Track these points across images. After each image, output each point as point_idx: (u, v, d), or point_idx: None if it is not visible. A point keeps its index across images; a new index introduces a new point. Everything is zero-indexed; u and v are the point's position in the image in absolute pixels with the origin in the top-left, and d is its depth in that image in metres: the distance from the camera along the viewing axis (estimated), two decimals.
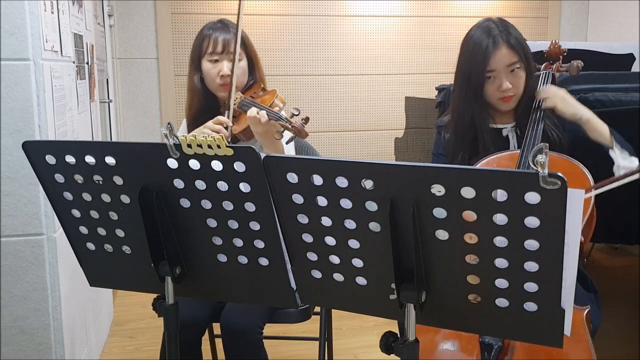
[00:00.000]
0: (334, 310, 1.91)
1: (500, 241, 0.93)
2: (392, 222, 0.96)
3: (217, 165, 1.04)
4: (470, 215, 0.92)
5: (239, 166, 1.03)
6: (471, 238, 0.94)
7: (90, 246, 1.24)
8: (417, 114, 3.55)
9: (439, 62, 4.13)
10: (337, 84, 4.05)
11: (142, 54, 3.75)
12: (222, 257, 1.16)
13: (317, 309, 1.90)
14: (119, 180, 1.12)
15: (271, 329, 1.69)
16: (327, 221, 1.02)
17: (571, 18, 4.32)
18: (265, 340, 1.66)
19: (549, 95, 1.73)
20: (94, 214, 1.19)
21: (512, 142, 1.77)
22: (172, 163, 1.07)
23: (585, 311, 1.43)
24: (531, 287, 0.95)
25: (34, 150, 1.15)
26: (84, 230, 1.22)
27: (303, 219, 1.04)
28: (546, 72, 1.86)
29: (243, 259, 1.15)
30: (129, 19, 3.69)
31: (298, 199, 1.02)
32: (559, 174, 0.83)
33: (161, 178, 1.10)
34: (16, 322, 1.86)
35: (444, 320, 1.08)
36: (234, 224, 1.11)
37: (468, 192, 0.90)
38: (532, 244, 0.91)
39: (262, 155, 1.01)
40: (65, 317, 1.94)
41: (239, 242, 1.13)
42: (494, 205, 0.90)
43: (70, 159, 1.13)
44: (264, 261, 1.13)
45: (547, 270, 0.92)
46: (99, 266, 1.28)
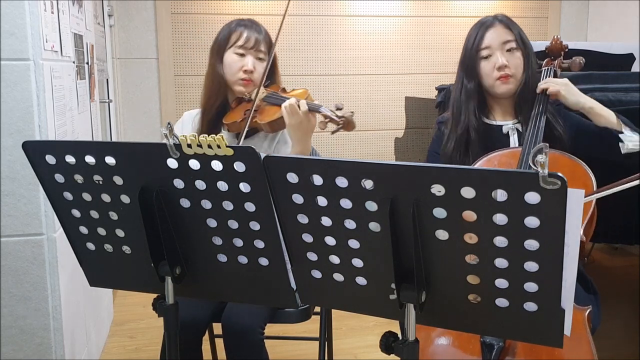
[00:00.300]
0: (334, 310, 1.91)
1: (500, 241, 0.93)
2: (392, 222, 0.96)
3: (217, 165, 1.04)
4: (470, 215, 0.92)
5: (239, 166, 1.03)
6: (471, 238, 0.94)
7: (90, 246, 1.24)
8: (417, 114, 3.54)
9: (439, 62, 4.13)
10: (337, 84, 4.04)
11: (142, 54, 3.74)
12: (222, 257, 1.16)
13: (317, 309, 1.90)
14: (119, 180, 1.12)
15: (271, 329, 1.69)
16: (327, 221, 1.02)
17: (571, 18, 4.32)
18: (265, 340, 1.66)
19: (551, 83, 1.73)
20: (94, 214, 1.18)
21: (513, 139, 1.76)
22: (172, 163, 1.07)
23: (587, 311, 1.42)
24: (531, 287, 0.95)
25: (34, 150, 1.14)
26: (84, 230, 1.22)
27: (303, 219, 1.04)
28: (548, 68, 1.86)
29: (243, 259, 1.15)
30: (129, 19, 3.69)
31: (298, 199, 1.02)
32: (559, 174, 0.83)
33: (161, 178, 1.10)
34: (16, 322, 1.86)
35: (444, 320, 1.08)
36: (234, 224, 1.11)
37: (468, 192, 0.90)
38: (532, 244, 0.91)
39: (262, 155, 1.01)
40: (65, 317, 1.94)
41: (239, 242, 1.13)
42: (494, 205, 0.89)
43: (70, 159, 1.13)
44: (264, 261, 1.13)
45: (547, 270, 0.92)
46: (99, 266, 1.27)
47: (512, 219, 0.90)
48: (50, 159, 1.14)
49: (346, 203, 0.98)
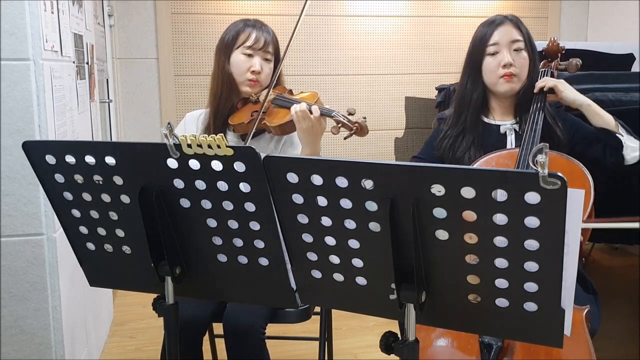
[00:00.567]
0: (334, 310, 1.91)
1: (500, 241, 0.93)
2: (392, 222, 0.96)
3: (217, 165, 1.04)
4: (470, 215, 0.92)
5: (239, 166, 1.03)
6: (471, 238, 0.94)
7: (90, 246, 1.24)
8: (417, 114, 3.55)
9: (439, 62, 4.13)
10: (337, 84, 4.04)
11: (142, 54, 3.74)
12: (222, 257, 1.16)
13: (317, 309, 1.90)
14: (119, 180, 1.12)
15: (271, 329, 1.69)
16: (327, 221, 1.02)
17: (571, 18, 4.32)
18: (265, 340, 1.66)
19: (548, 81, 1.73)
20: (94, 214, 1.18)
21: (510, 139, 1.76)
22: (172, 163, 1.07)
23: (585, 311, 1.43)
24: (531, 287, 0.95)
25: (34, 150, 1.14)
26: (84, 230, 1.22)
27: (303, 219, 1.04)
28: (545, 70, 1.87)
29: (243, 259, 1.15)
30: (129, 19, 3.69)
31: (298, 199, 1.02)
32: (559, 174, 0.83)
33: (161, 178, 1.10)
34: (16, 322, 1.86)
35: (444, 320, 1.08)
36: (234, 224, 1.11)
37: (468, 192, 0.90)
38: (532, 244, 0.91)
39: (262, 155, 1.01)
40: (65, 317, 1.94)
41: (239, 242, 1.13)
42: (494, 205, 0.90)
43: (70, 159, 1.13)
44: (264, 261, 1.13)
45: (547, 270, 0.92)
46: (99, 266, 1.28)
47: (512, 219, 0.90)
48: (50, 159, 1.14)
49: (346, 203, 0.98)
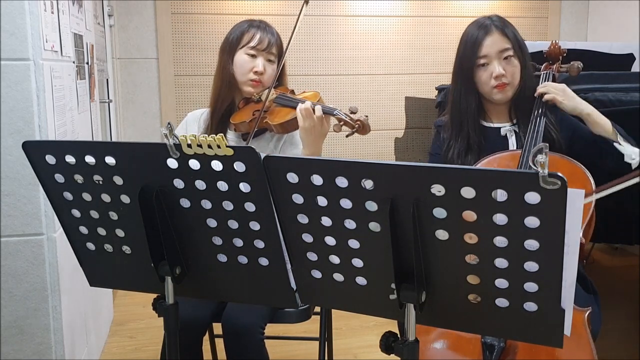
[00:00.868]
0: (334, 310, 1.91)
1: (500, 241, 0.93)
2: (392, 222, 0.96)
3: (217, 165, 1.04)
4: (470, 215, 0.92)
5: (239, 166, 1.03)
6: (471, 238, 0.94)
7: (90, 246, 1.24)
8: (417, 114, 3.54)
9: (439, 62, 4.13)
10: (337, 84, 4.04)
11: (142, 54, 3.74)
12: (222, 257, 1.16)
13: (317, 309, 1.90)
14: (119, 180, 1.12)
15: (271, 329, 1.69)
16: (327, 221, 1.02)
17: (571, 18, 4.32)
18: (265, 341, 1.66)
19: (549, 88, 1.73)
20: (94, 214, 1.18)
21: (511, 141, 1.77)
22: (172, 163, 1.07)
23: (587, 312, 1.42)
24: (531, 287, 0.95)
25: (34, 150, 1.14)
26: (84, 230, 1.22)
27: (303, 219, 1.04)
28: (546, 73, 1.87)
29: (243, 259, 1.15)
30: (129, 19, 3.69)
31: (298, 199, 1.02)
32: (559, 174, 0.83)
33: (161, 178, 1.10)
34: (16, 322, 1.86)
35: (444, 320, 1.08)
36: (234, 224, 1.11)
37: (468, 192, 0.90)
38: (532, 244, 0.91)
39: (262, 155, 1.01)
40: (65, 317, 1.94)
41: (239, 242, 1.13)
42: (494, 205, 0.89)
43: (70, 159, 1.13)
44: (264, 261, 1.13)
45: (547, 270, 0.92)
46: (99, 266, 1.27)
47: (512, 219, 0.90)
48: (50, 159, 1.14)
49: (346, 203, 0.98)
